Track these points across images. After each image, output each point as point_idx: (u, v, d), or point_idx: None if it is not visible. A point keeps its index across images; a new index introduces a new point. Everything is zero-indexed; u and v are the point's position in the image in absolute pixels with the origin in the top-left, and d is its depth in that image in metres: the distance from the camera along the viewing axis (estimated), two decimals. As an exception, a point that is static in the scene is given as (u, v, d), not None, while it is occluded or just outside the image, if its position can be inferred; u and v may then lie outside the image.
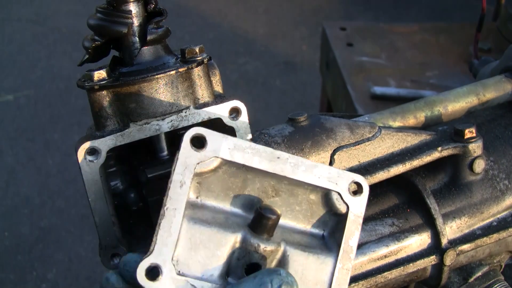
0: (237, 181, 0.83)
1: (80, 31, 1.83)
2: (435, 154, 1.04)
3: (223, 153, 0.79)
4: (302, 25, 6.01)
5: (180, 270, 0.76)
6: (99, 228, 0.92)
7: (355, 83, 2.42)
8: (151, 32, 0.90)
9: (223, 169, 0.82)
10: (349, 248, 0.82)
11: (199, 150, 0.78)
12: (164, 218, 0.75)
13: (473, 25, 2.12)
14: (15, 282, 3.47)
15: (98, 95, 0.88)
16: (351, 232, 0.83)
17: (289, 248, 0.81)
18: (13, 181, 4.19)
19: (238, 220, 0.82)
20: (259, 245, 0.78)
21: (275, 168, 0.80)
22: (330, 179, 0.83)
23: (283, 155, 0.81)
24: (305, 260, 0.81)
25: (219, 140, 0.79)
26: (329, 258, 0.83)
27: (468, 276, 1.11)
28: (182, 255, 0.77)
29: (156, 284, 0.74)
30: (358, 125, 1.02)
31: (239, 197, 0.83)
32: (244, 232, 0.79)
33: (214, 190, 0.82)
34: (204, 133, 0.79)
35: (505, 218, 1.09)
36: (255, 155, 0.80)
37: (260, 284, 0.72)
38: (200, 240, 0.77)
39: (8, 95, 5.10)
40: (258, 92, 5.05)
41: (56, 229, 3.79)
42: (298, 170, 0.81)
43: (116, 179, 1.04)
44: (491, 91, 1.18)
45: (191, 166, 0.77)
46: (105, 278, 0.79)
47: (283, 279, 0.73)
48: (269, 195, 0.84)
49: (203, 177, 0.81)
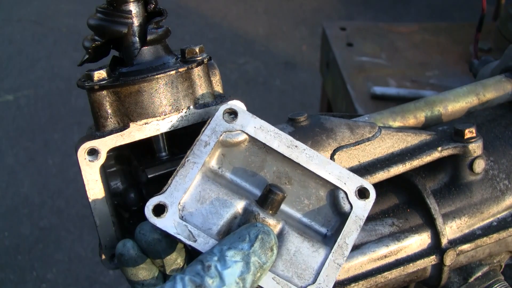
0: (257, 160, 0.89)
1: (80, 31, 1.83)
2: (435, 154, 1.04)
3: (249, 129, 0.88)
4: (302, 25, 6.02)
5: (183, 215, 0.82)
6: (99, 228, 0.92)
7: (355, 83, 2.41)
8: (151, 32, 0.90)
9: (246, 146, 0.89)
10: (345, 244, 0.84)
11: (229, 122, 0.87)
12: (183, 167, 0.84)
13: (473, 25, 2.12)
14: (15, 282, 3.47)
15: (98, 95, 0.88)
16: (349, 230, 0.85)
17: (287, 227, 0.85)
18: (13, 181, 4.19)
19: (248, 194, 0.87)
20: (259, 214, 0.83)
21: (291, 154, 0.88)
22: (340, 178, 0.88)
23: (301, 146, 0.88)
24: (300, 243, 0.84)
25: (248, 118, 0.88)
26: (323, 249, 0.85)
27: (468, 276, 1.11)
28: (189, 204, 0.83)
29: (159, 220, 0.81)
30: (358, 125, 1.02)
31: (255, 176, 0.89)
32: (250, 202, 0.85)
33: (235, 164, 0.89)
34: (237, 109, 0.88)
35: (505, 218, 1.09)
36: (276, 139, 0.88)
37: (239, 237, 0.77)
38: (209, 196, 0.84)
39: (8, 95, 5.11)
40: (258, 92, 5.05)
41: (56, 229, 3.80)
42: (312, 161, 0.88)
43: (116, 179, 1.04)
44: (491, 91, 1.18)
45: (218, 132, 0.87)
46: (122, 242, 0.84)
47: (259, 229, 0.78)
48: (282, 182, 0.89)
49: (228, 150, 0.88)
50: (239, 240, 0.77)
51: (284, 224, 0.85)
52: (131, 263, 0.84)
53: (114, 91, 0.88)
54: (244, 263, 0.75)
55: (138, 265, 0.84)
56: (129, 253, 0.83)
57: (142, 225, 0.84)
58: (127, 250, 0.83)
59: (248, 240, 0.77)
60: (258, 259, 0.76)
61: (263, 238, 0.77)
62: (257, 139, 0.88)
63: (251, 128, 0.88)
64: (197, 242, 0.80)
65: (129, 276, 0.85)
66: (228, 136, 0.87)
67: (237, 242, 0.77)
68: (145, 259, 0.85)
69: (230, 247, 0.76)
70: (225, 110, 0.88)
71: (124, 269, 0.85)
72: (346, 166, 1.01)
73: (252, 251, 0.76)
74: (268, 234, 0.78)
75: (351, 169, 1.00)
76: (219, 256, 0.75)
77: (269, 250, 0.77)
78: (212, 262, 0.74)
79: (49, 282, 3.45)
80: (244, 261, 0.75)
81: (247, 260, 0.75)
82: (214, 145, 0.85)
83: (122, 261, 0.84)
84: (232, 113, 0.88)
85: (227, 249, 0.76)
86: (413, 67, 2.56)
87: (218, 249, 0.76)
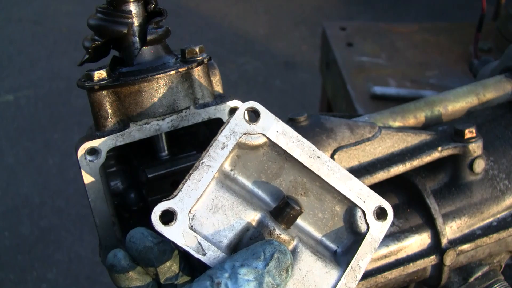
0: (274, 167, 0.83)
1: (80, 31, 1.83)
2: (435, 154, 1.04)
3: (270, 133, 0.80)
4: (302, 25, 6.02)
5: (193, 225, 0.76)
6: (99, 228, 0.92)
7: (355, 83, 2.41)
8: (151, 32, 0.90)
9: (264, 150, 0.82)
10: (358, 267, 0.81)
11: (249, 123, 0.79)
12: (196, 171, 0.76)
13: (473, 25, 2.12)
14: (15, 282, 3.47)
15: (98, 95, 0.88)
16: (364, 253, 0.82)
17: (301, 245, 0.80)
18: (13, 181, 4.19)
19: (262, 204, 0.81)
20: (274, 229, 0.77)
21: (313, 165, 0.81)
22: (360, 195, 0.82)
23: (324, 157, 0.81)
24: (313, 263, 0.80)
25: (271, 120, 0.80)
26: (335, 270, 0.81)
27: (468, 276, 1.11)
28: (200, 212, 0.76)
29: (166, 229, 0.74)
30: (358, 125, 1.02)
31: (270, 184, 0.83)
32: (264, 214, 0.79)
33: (249, 168, 0.82)
34: (259, 109, 0.80)
35: (505, 218, 1.09)
36: (298, 147, 0.81)
37: (253, 254, 0.72)
38: (222, 205, 0.77)
39: (8, 95, 5.10)
40: (258, 92, 5.05)
41: (56, 229, 3.79)
42: (333, 175, 0.81)
43: (116, 179, 1.04)
44: (491, 91, 1.18)
45: (237, 133, 0.78)
46: (112, 253, 0.79)
47: (276, 248, 0.72)
48: (298, 192, 0.84)
49: (244, 152, 0.81)
50: (253, 257, 0.71)
51: (298, 241, 0.80)
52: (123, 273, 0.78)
53: (114, 91, 0.88)
54: (257, 283, 0.70)
55: (130, 276, 0.79)
56: (120, 263, 0.78)
57: (132, 232, 0.79)
58: (118, 260, 0.78)
59: (263, 259, 0.71)
60: (272, 280, 0.71)
61: (279, 257, 0.72)
62: (278, 145, 0.80)
63: (273, 132, 0.80)
64: (207, 256, 0.74)
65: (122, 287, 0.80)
66: (246, 138, 0.79)
67: (251, 260, 0.71)
68: (138, 269, 0.79)
69: (243, 264, 0.70)
70: (247, 108, 0.79)
71: (116, 280, 0.80)
72: (346, 166, 1.01)
73: (266, 271, 0.70)
74: (285, 254, 0.73)
75: (351, 169, 1.00)
76: (230, 272, 0.70)
77: (284, 271, 0.72)
78: (222, 279, 0.69)
79: (49, 282, 3.45)
80: (257, 281, 0.70)
81: (261, 280, 0.70)
82: (232, 148, 0.78)
83: (113, 272, 0.79)
84: (254, 112, 0.80)
85: (240, 266, 0.70)
86: (413, 67, 2.56)
87: (230, 265, 0.71)
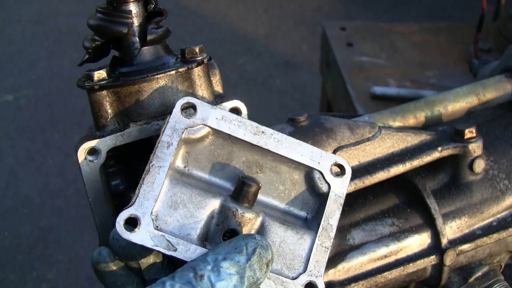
0: (223, 153, 0.85)
1: (80, 31, 1.83)
2: (435, 154, 1.04)
3: (210, 121, 0.82)
4: (302, 25, 6.02)
5: (158, 225, 0.78)
6: (99, 228, 0.92)
7: (355, 83, 2.42)
8: (151, 32, 0.90)
9: (210, 140, 0.84)
10: (329, 226, 0.83)
11: (188, 117, 0.82)
12: (148, 174, 0.79)
13: (473, 25, 2.12)
14: (15, 282, 3.47)
15: (98, 95, 0.88)
16: (331, 211, 0.84)
17: (268, 219, 0.82)
18: (13, 181, 4.19)
19: (221, 190, 0.83)
20: (237, 210, 0.80)
21: (259, 141, 0.83)
22: (313, 158, 0.85)
23: (268, 131, 0.84)
24: (283, 233, 0.82)
25: (208, 110, 0.83)
26: (308, 234, 0.83)
27: (468, 276, 1.11)
28: (162, 212, 0.79)
29: (133, 235, 0.76)
30: (358, 125, 1.02)
31: (225, 170, 0.85)
32: (224, 198, 0.81)
33: (201, 160, 0.85)
34: (195, 102, 0.82)
35: (505, 218, 1.09)
36: (241, 127, 0.83)
37: (235, 248, 0.74)
38: (181, 200, 0.79)
39: (8, 95, 5.10)
40: (258, 92, 5.05)
41: (56, 229, 3.80)
42: (281, 145, 0.84)
43: (116, 179, 1.04)
44: (491, 91, 1.18)
45: (179, 130, 0.81)
46: (97, 251, 0.81)
47: (258, 243, 0.74)
48: (253, 171, 0.86)
49: (192, 146, 0.84)
50: (235, 251, 0.73)
51: (264, 216, 0.82)
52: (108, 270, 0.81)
53: (114, 91, 0.88)
54: (239, 277, 0.71)
55: (115, 272, 0.81)
56: (105, 260, 0.80)
57: (115, 229, 0.79)
58: (103, 257, 0.80)
59: (246, 253, 0.73)
60: (253, 274, 0.73)
61: (261, 252, 0.74)
62: (221, 131, 0.83)
63: (213, 120, 0.82)
64: (178, 251, 0.76)
65: (108, 284, 0.81)
66: (190, 133, 0.82)
67: (233, 253, 0.73)
68: (123, 265, 0.81)
69: (226, 258, 0.72)
70: (182, 105, 0.82)
71: (101, 276, 0.81)
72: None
73: (248, 265, 0.72)
74: (266, 249, 0.74)
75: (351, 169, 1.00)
76: (213, 265, 0.72)
77: (265, 266, 0.74)
78: (205, 272, 0.71)
79: (49, 282, 3.45)
80: (239, 274, 0.71)
81: (242, 274, 0.72)
82: (177, 145, 0.80)
83: (99, 270, 0.81)
84: (190, 107, 0.83)
85: (222, 259, 0.72)
86: (413, 67, 2.56)
87: (213, 258, 0.73)
